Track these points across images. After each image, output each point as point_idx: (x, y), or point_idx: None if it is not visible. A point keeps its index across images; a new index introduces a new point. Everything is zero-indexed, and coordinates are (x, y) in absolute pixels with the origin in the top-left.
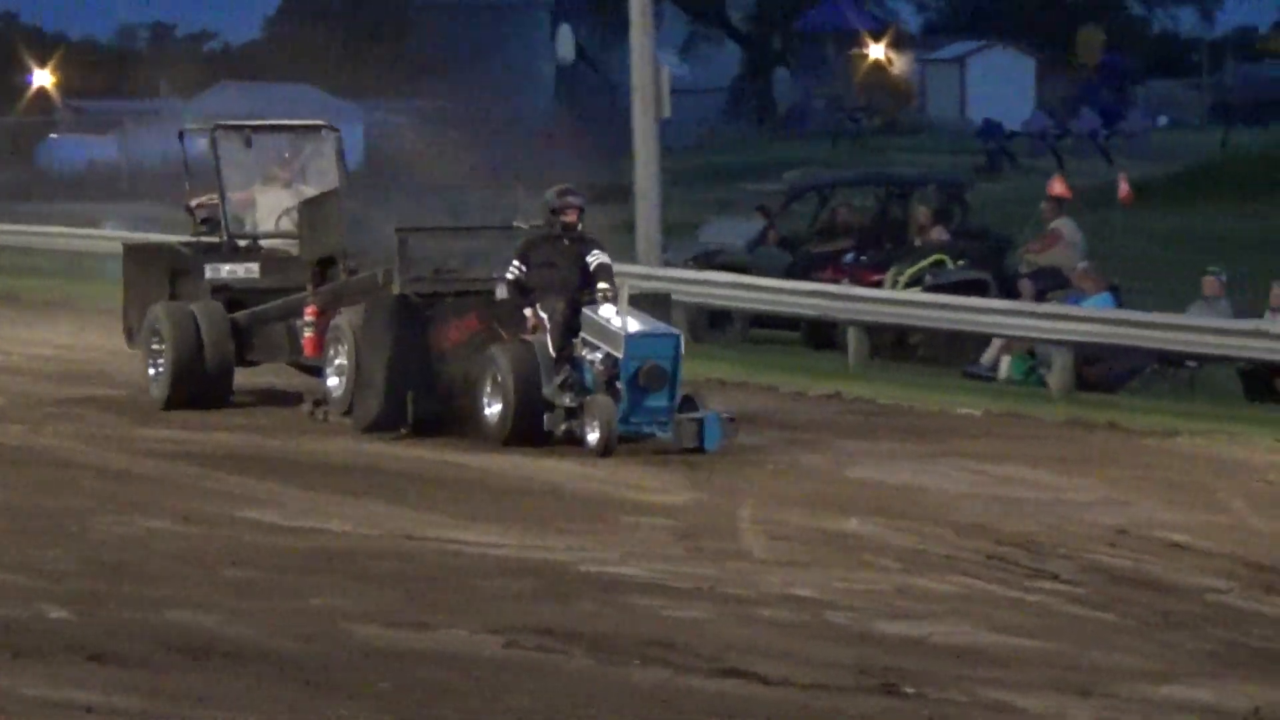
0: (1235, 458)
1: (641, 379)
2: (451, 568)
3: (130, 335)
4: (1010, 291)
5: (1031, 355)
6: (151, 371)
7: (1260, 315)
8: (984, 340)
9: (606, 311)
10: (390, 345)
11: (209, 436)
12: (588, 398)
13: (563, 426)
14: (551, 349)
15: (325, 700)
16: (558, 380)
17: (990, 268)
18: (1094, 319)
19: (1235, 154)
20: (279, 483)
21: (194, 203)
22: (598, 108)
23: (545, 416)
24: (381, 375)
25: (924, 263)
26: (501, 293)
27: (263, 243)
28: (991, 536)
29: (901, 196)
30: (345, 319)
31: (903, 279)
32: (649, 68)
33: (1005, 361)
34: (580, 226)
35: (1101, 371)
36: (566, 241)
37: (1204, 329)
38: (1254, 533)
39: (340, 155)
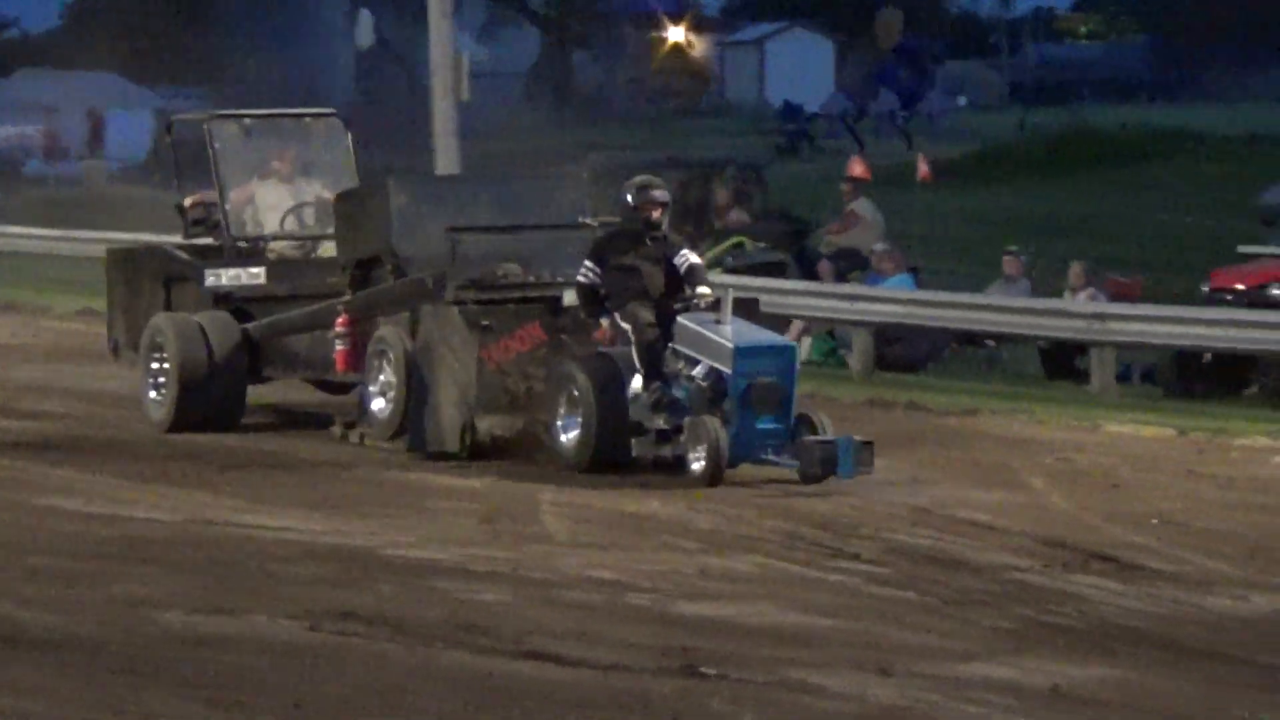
0: (1035, 436)
1: (754, 398)
2: (254, 553)
3: (116, 349)
4: (810, 273)
5: (831, 336)
6: (153, 393)
7: (1059, 294)
8: (784, 322)
9: (707, 320)
10: (450, 360)
11: (21, 425)
12: (687, 419)
13: (656, 452)
14: (639, 363)
15: (131, 687)
16: (649, 399)
17: (790, 249)
18: (893, 300)
19: (1034, 134)
20: (82, 470)
21: (188, 201)
22: (397, 92)
23: (634, 441)
24: (440, 395)
25: (724, 245)
26: (570, 299)
27: (270, 245)
28: (793, 517)
29: (701, 179)
30: (391, 330)
31: (703, 262)
32: (448, 51)
33: (805, 343)
34: (665, 224)
35: (901, 352)
36: (649, 241)
37: (1004, 308)
38: (1053, 511)
39: (351, 145)
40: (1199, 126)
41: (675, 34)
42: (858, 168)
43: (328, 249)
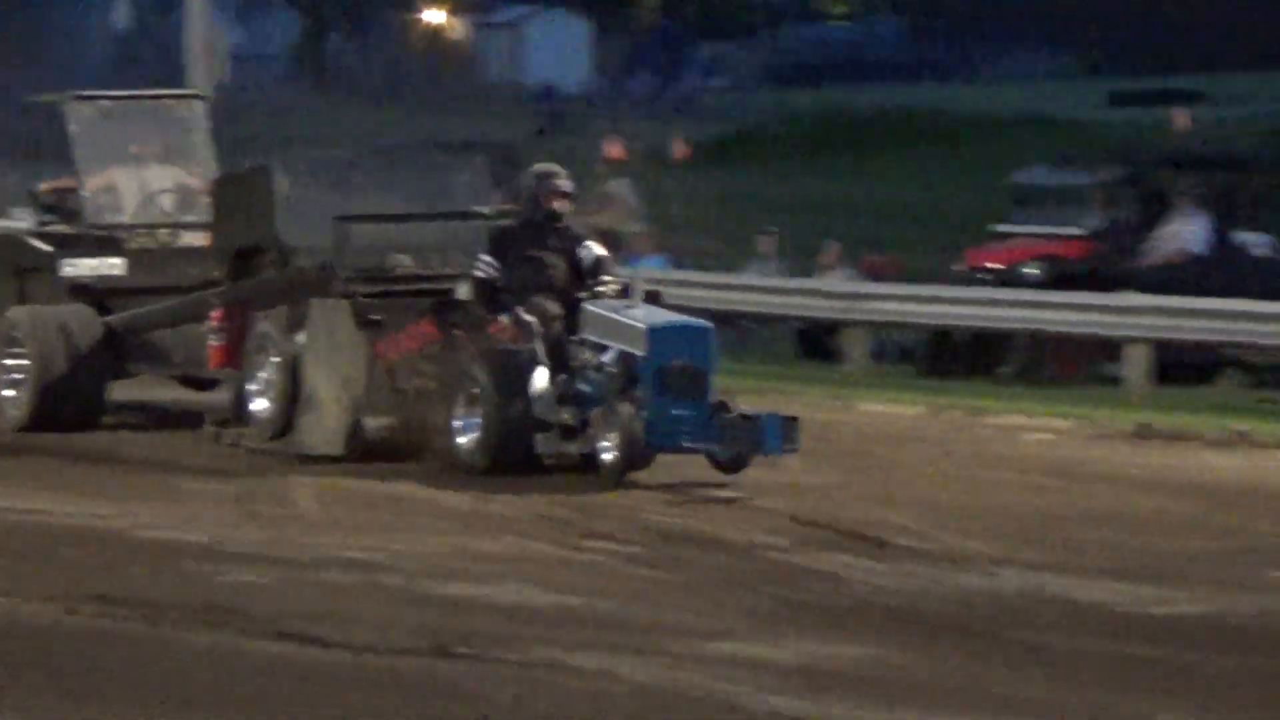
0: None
1: (669, 382)
2: (7, 536)
3: None
4: None
5: None
6: (8, 391)
7: (812, 274)
8: None
9: (617, 305)
10: (338, 357)
11: None
12: (595, 411)
13: (561, 449)
14: (544, 356)
15: None
16: (555, 393)
17: None
18: (648, 280)
19: (790, 115)
20: None
21: (42, 186)
22: (155, 75)
23: (538, 438)
24: (327, 394)
25: None
26: (465, 292)
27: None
28: (547, 498)
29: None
30: (272, 325)
31: None
32: (204, 33)
33: None
34: (569, 215)
35: None
36: (552, 232)
37: (759, 288)
38: (808, 489)
39: (210, 128)
40: (954, 107)
41: (433, 16)
42: (613, 149)
43: (189, 238)
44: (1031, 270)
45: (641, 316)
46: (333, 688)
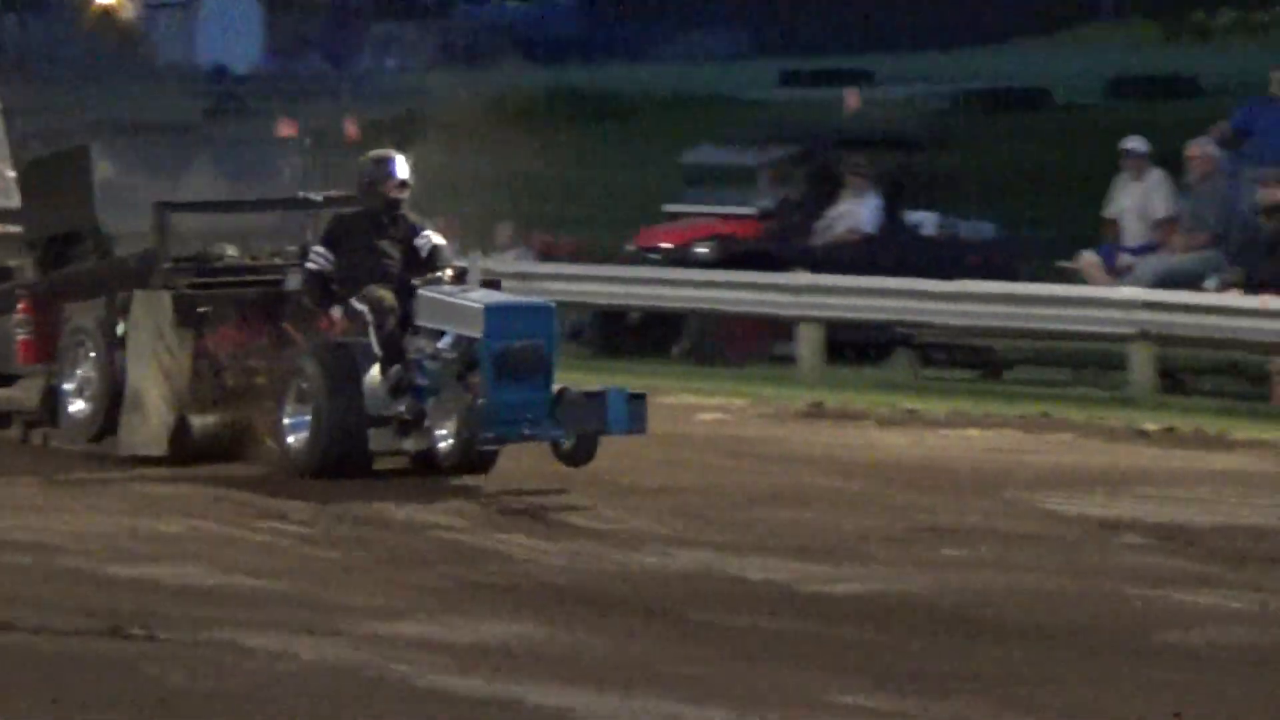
0: None
1: (509, 364)
2: None
3: None
4: None
5: None
6: None
7: (487, 254)
8: None
9: (453, 288)
10: (161, 353)
11: None
12: (431, 401)
13: (398, 446)
14: (378, 347)
15: None
16: (388, 384)
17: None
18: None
19: (464, 96)
20: None
21: None
22: None
23: (370, 434)
24: (150, 391)
25: None
26: (293, 283)
27: None
28: (222, 479)
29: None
30: (90, 318)
31: None
32: None
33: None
34: (404, 202)
35: None
36: (387, 221)
37: None
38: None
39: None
40: (630, 87)
41: None
42: (285, 128)
43: None
44: (702, 250)
45: (478, 297)
46: (7, 668)
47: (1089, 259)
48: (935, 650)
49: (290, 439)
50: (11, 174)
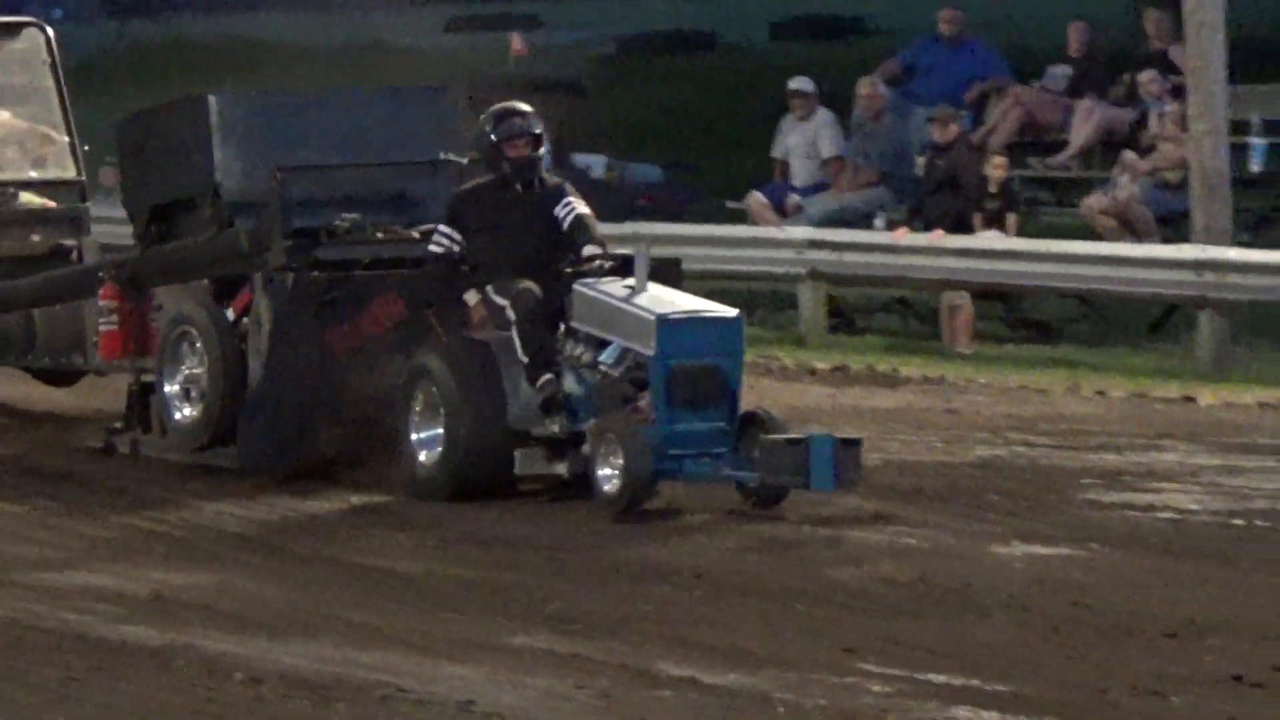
0: None
1: (685, 388)
2: None
3: None
4: None
5: None
6: None
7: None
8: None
9: (617, 287)
10: (289, 347)
11: None
12: (592, 423)
13: (548, 470)
14: (521, 351)
15: None
16: (538, 398)
17: None
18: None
19: (131, 45)
20: None
21: None
22: None
23: (516, 455)
24: (276, 392)
25: None
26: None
27: None
28: None
29: None
30: (195, 306)
31: None
32: None
33: None
34: (540, 164)
35: None
36: (519, 188)
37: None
38: None
39: (55, 61)
40: (296, 36)
41: None
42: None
43: (29, 198)
44: None
45: (649, 303)
46: None
47: (757, 199)
48: (606, 594)
49: (420, 456)
50: (64, 139)
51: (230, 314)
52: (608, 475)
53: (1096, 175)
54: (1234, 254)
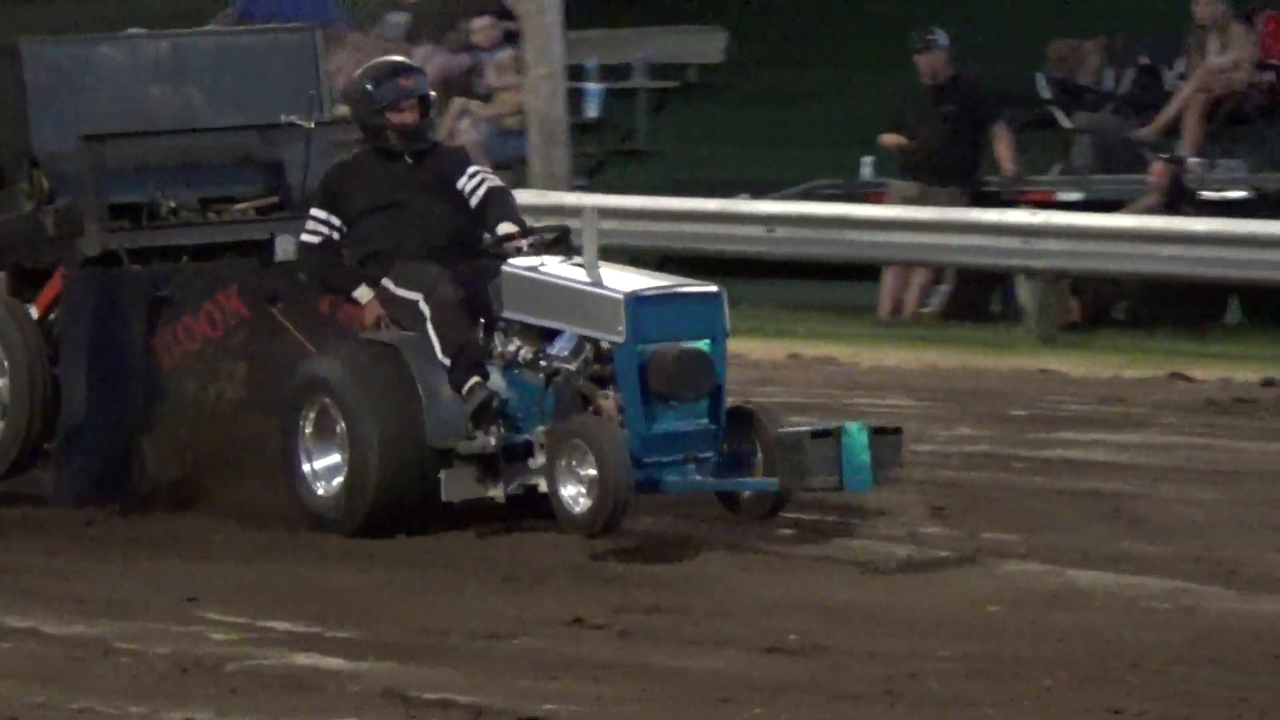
0: None
1: (665, 379)
2: None
3: None
4: None
5: None
6: None
7: None
8: None
9: (558, 265)
10: (104, 352)
11: None
12: (541, 430)
13: (481, 491)
14: (440, 352)
15: None
16: (468, 406)
17: None
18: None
19: None
20: None
21: None
22: None
23: (443, 478)
24: (94, 411)
25: None
26: (287, 249)
27: None
28: None
29: None
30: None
31: None
32: None
33: None
34: (432, 129)
35: None
36: (409, 159)
37: None
38: None
39: None
40: None
41: None
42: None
43: None
44: None
45: (610, 280)
46: None
47: None
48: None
49: (317, 489)
50: None
51: (34, 311)
52: (575, 493)
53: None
54: (572, 198)
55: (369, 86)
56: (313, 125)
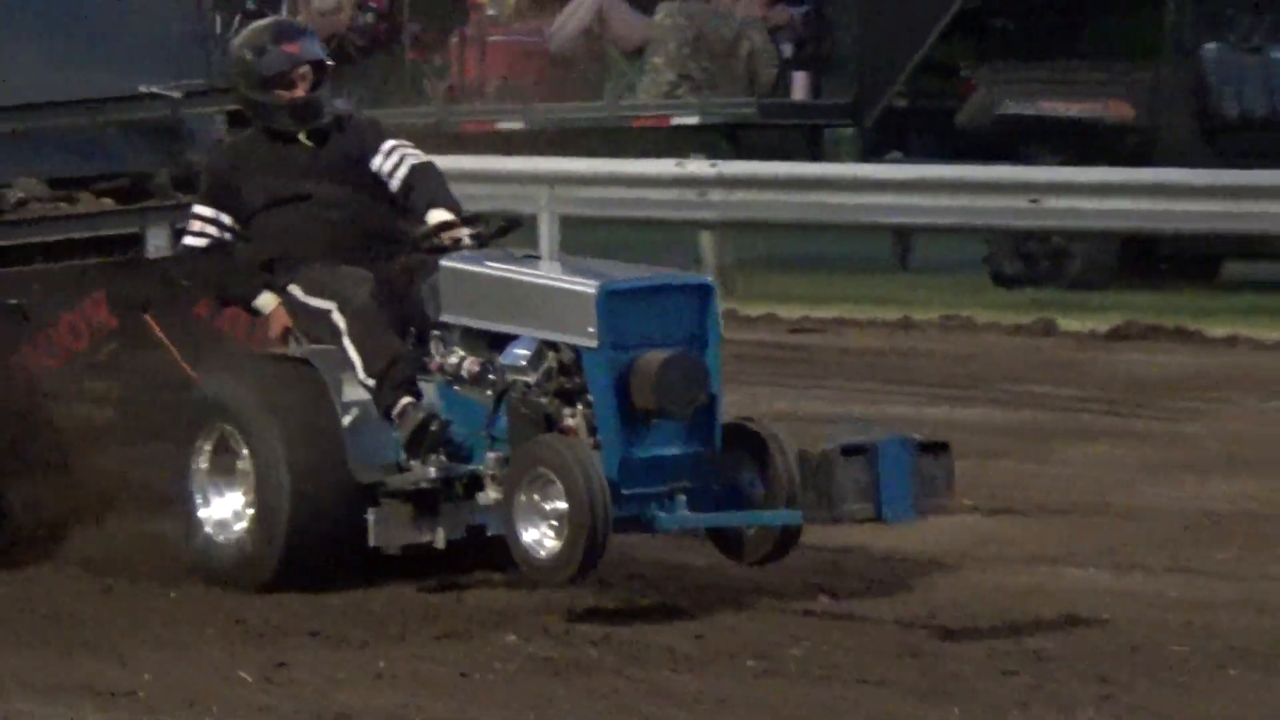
0: None
1: (646, 391)
2: None
3: None
4: None
5: None
6: None
7: None
8: None
9: (507, 257)
10: None
11: None
12: (490, 458)
13: (416, 536)
14: (362, 369)
15: None
16: (404, 432)
17: None
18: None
19: None
20: None
21: None
22: None
23: (371, 519)
24: None
25: None
26: (160, 244)
27: None
28: None
29: None
30: None
31: None
32: None
33: None
34: (328, 100)
35: None
36: (305, 139)
37: None
38: None
39: None
40: None
41: None
42: None
43: None
44: None
45: (576, 272)
46: None
47: None
48: None
49: (216, 534)
50: None
51: None
52: (539, 537)
53: None
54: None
55: (249, 56)
56: (179, 95)
